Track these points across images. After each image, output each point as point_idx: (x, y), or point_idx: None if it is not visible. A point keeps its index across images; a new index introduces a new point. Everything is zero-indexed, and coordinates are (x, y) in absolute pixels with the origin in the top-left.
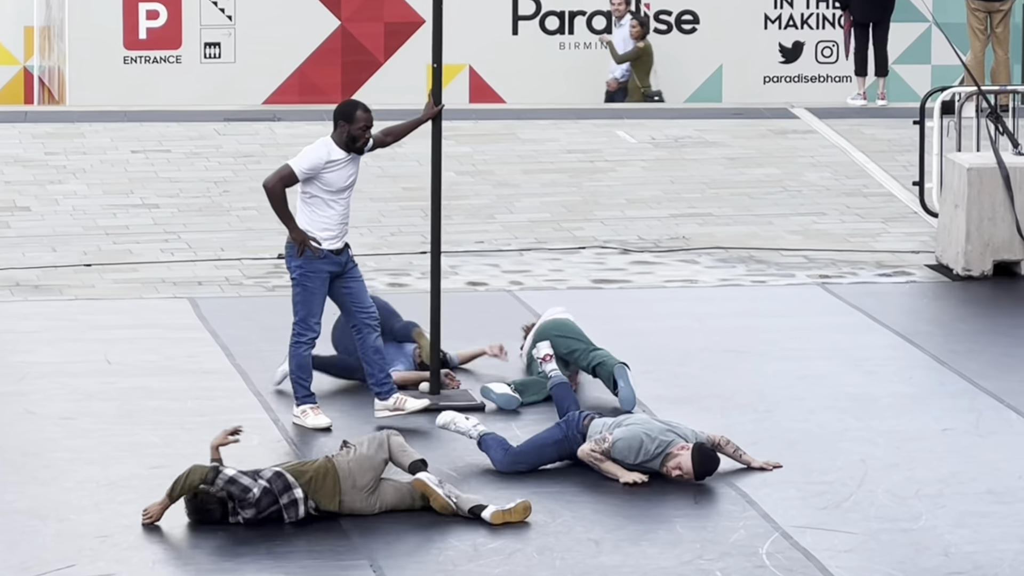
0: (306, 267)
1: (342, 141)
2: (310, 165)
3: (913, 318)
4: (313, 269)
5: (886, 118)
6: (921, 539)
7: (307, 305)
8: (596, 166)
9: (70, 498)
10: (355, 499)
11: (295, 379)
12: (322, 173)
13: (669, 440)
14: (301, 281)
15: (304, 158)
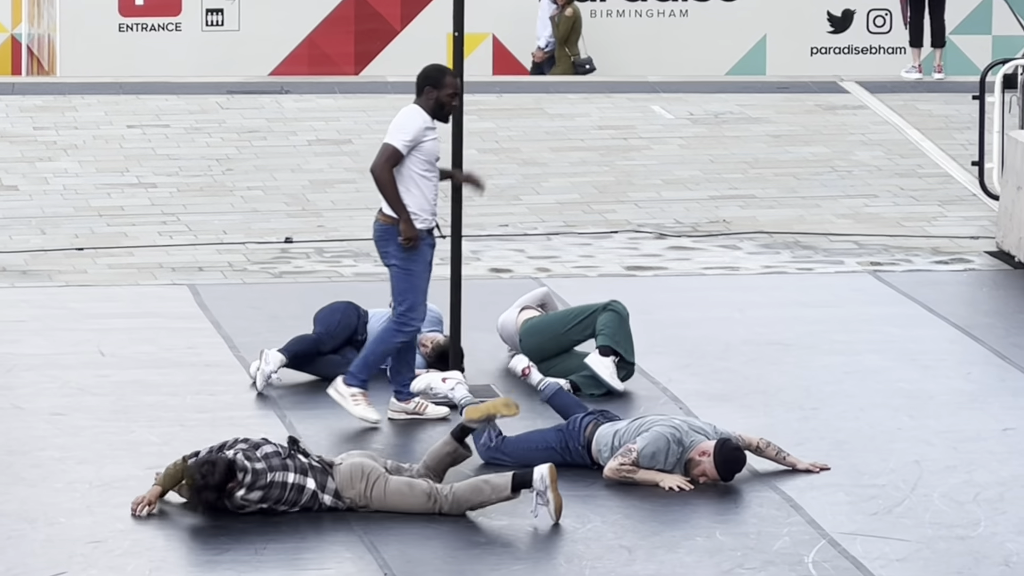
0: (412, 251)
1: (429, 108)
2: (412, 136)
3: (972, 309)
4: (418, 252)
5: (943, 93)
6: (980, 547)
7: (415, 292)
8: (630, 143)
9: (60, 500)
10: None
11: (371, 362)
12: (422, 143)
13: (692, 441)
14: (407, 265)
15: (404, 130)
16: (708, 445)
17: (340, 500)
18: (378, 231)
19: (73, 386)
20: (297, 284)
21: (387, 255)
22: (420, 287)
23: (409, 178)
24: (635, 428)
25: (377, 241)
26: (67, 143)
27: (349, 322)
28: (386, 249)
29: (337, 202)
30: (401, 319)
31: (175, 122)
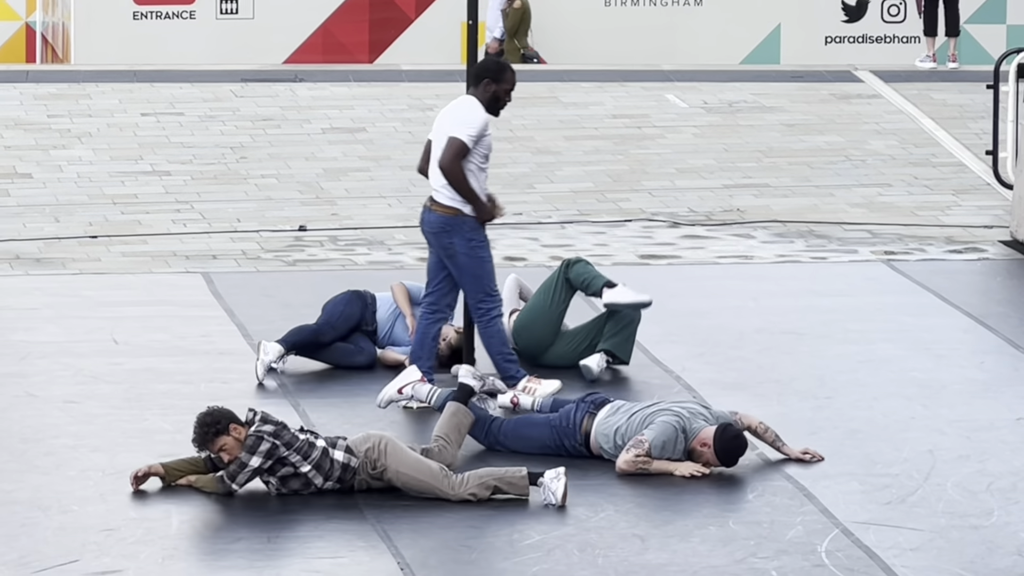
0: (477, 238)
1: (484, 100)
2: (479, 130)
3: (985, 298)
4: (482, 238)
5: (957, 82)
6: (993, 537)
7: (487, 276)
8: (644, 132)
9: (74, 488)
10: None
11: (502, 357)
12: (484, 135)
13: (694, 428)
14: (477, 253)
15: (471, 125)
16: (708, 434)
17: (352, 455)
18: (436, 223)
19: (86, 374)
20: (311, 272)
21: (451, 246)
22: (488, 272)
23: (468, 170)
24: (637, 422)
25: (436, 234)
26: (81, 131)
27: (351, 312)
28: (448, 240)
29: (351, 190)
30: (481, 308)
31: (189, 110)
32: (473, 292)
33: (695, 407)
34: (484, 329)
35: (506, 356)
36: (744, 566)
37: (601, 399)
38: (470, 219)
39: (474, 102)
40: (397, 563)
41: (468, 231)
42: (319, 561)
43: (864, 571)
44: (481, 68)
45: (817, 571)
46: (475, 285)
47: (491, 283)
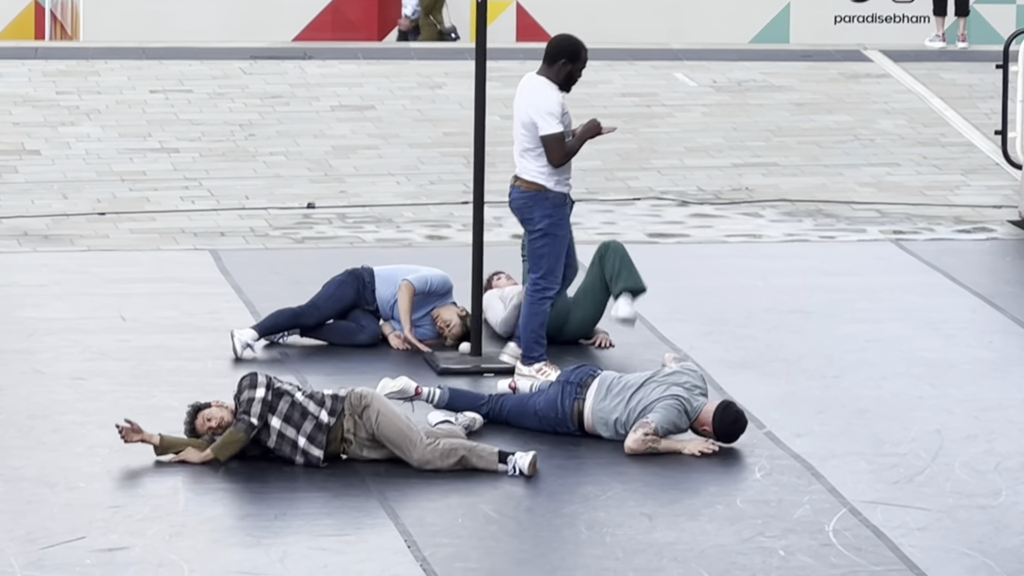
0: (555, 215)
1: (559, 79)
2: (559, 113)
3: (994, 278)
4: (561, 216)
5: (966, 61)
6: (1001, 517)
7: (556, 256)
8: (653, 111)
9: (80, 465)
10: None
11: (535, 337)
12: (563, 114)
13: (696, 408)
14: (551, 231)
15: (550, 109)
16: (707, 414)
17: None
18: (519, 198)
19: (94, 351)
20: (319, 250)
21: (531, 222)
22: (559, 252)
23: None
24: (639, 410)
25: (519, 208)
26: (90, 108)
27: (342, 295)
28: (530, 216)
29: (359, 168)
30: (538, 285)
31: (198, 87)
32: (538, 267)
33: (689, 380)
34: (531, 306)
35: (538, 338)
36: (751, 545)
37: (583, 376)
38: (553, 195)
39: (546, 85)
40: (404, 541)
41: (550, 207)
42: (326, 539)
43: (871, 550)
44: (557, 48)
45: (824, 550)
46: (542, 261)
47: (552, 264)
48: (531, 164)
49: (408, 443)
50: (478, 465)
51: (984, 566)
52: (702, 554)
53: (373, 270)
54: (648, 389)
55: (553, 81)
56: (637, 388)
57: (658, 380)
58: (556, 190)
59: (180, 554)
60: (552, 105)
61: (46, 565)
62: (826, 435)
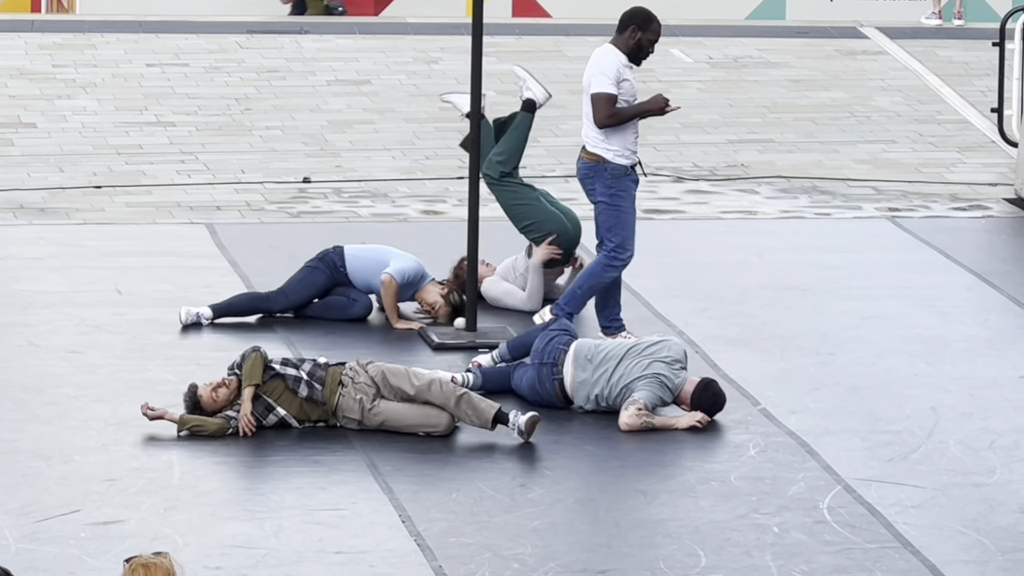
0: (617, 186)
1: (628, 48)
2: (613, 76)
3: (990, 256)
4: (624, 187)
5: (963, 39)
6: (995, 495)
7: (625, 226)
8: (649, 87)
9: (76, 438)
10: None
11: (580, 296)
12: (622, 80)
13: (677, 384)
14: (612, 202)
15: (605, 74)
16: (687, 392)
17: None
18: (583, 169)
19: (90, 324)
20: (315, 224)
21: (593, 192)
22: (629, 222)
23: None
24: (619, 388)
25: (583, 179)
26: (86, 81)
27: (312, 281)
28: (592, 187)
29: (355, 142)
30: (612, 254)
31: (194, 61)
32: (611, 238)
33: (670, 354)
34: (596, 267)
35: (580, 301)
36: (746, 522)
37: (556, 353)
38: (612, 166)
39: (609, 50)
40: (398, 515)
41: (609, 178)
42: (320, 513)
43: (866, 528)
44: (628, 16)
45: (819, 527)
46: (613, 232)
47: (623, 233)
48: (592, 134)
49: (409, 374)
50: (472, 419)
51: (978, 544)
52: (696, 530)
53: (343, 250)
54: (629, 364)
55: (621, 50)
56: (618, 362)
57: (639, 353)
58: (615, 162)
59: (174, 527)
60: (608, 67)
61: (41, 538)
62: (821, 412)
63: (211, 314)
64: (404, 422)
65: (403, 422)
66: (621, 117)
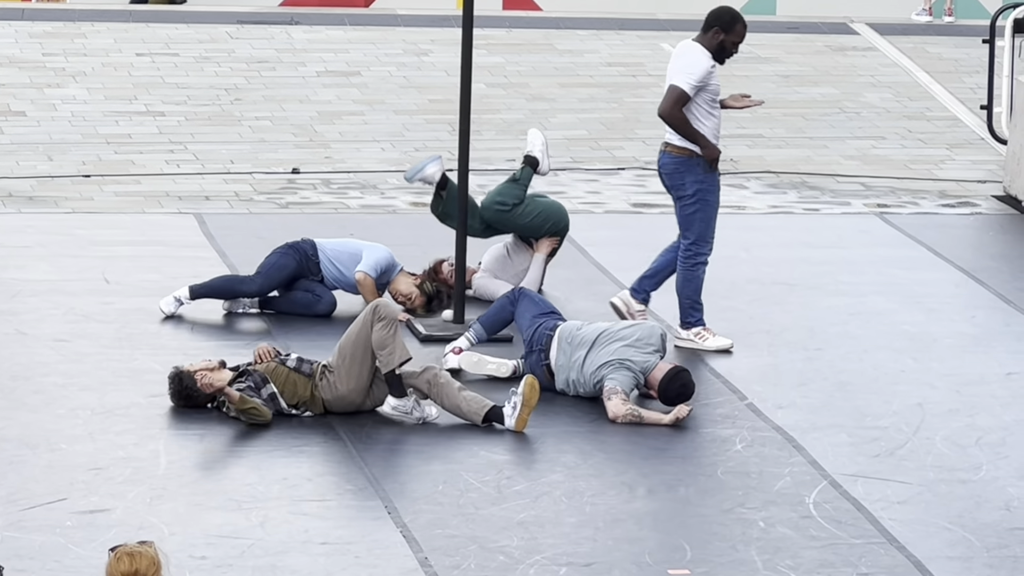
0: (707, 182)
1: (712, 47)
2: (700, 78)
3: (978, 253)
4: (712, 183)
5: (953, 36)
6: (981, 491)
7: (707, 221)
8: (639, 81)
9: (62, 426)
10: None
11: (690, 303)
12: (708, 82)
13: (644, 369)
14: (702, 197)
15: (691, 72)
16: (655, 377)
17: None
18: (669, 164)
19: (77, 313)
20: (303, 215)
21: (681, 187)
22: (710, 217)
23: (695, 117)
24: (589, 371)
25: (669, 175)
26: (76, 70)
27: (284, 264)
28: (680, 181)
29: (345, 134)
30: (691, 250)
31: (184, 51)
32: (688, 233)
33: (642, 337)
34: (686, 271)
35: (694, 304)
36: (732, 516)
37: (544, 340)
38: (702, 160)
39: (697, 50)
40: (384, 507)
41: (699, 172)
42: (307, 503)
43: (851, 523)
44: (713, 16)
45: (805, 522)
46: (693, 227)
47: (708, 229)
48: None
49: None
50: (466, 414)
51: (964, 540)
52: (682, 524)
53: (315, 243)
54: (599, 350)
55: (706, 48)
56: (589, 348)
57: (609, 338)
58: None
59: (160, 517)
60: (697, 68)
61: (27, 526)
62: (808, 407)
63: (189, 295)
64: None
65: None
66: (684, 126)
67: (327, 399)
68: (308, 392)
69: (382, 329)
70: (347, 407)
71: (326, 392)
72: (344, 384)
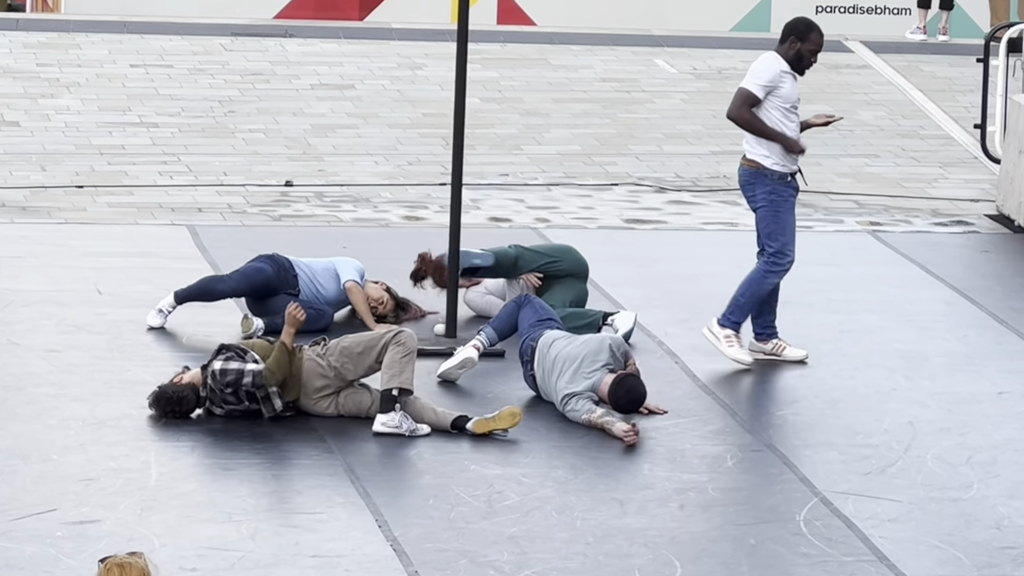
0: (778, 192)
1: (788, 57)
2: (768, 79)
3: (970, 271)
4: (784, 194)
5: (947, 55)
6: (972, 510)
7: (785, 231)
8: (632, 97)
9: (54, 437)
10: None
11: (742, 304)
12: (779, 87)
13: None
14: (771, 208)
15: (759, 75)
16: (605, 388)
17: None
18: (743, 176)
19: (69, 323)
20: (296, 228)
21: (754, 199)
22: (788, 228)
23: (770, 118)
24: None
25: (743, 186)
26: (70, 80)
27: (262, 267)
28: (752, 193)
29: (338, 147)
30: (772, 259)
31: (178, 62)
32: (772, 243)
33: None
34: (756, 274)
35: (744, 308)
36: (722, 533)
37: (528, 352)
38: (771, 172)
39: (771, 56)
40: (375, 520)
41: (769, 184)
42: (298, 516)
43: (842, 541)
44: (789, 26)
45: (795, 540)
46: (773, 238)
47: (782, 238)
48: (751, 141)
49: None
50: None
51: (954, 559)
52: (673, 540)
53: (291, 259)
54: (559, 380)
55: (783, 57)
56: (557, 376)
57: (565, 361)
58: (773, 168)
59: (151, 528)
60: (765, 71)
61: (17, 536)
62: (799, 425)
63: (174, 300)
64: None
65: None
66: (750, 120)
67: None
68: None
69: (398, 353)
70: (316, 394)
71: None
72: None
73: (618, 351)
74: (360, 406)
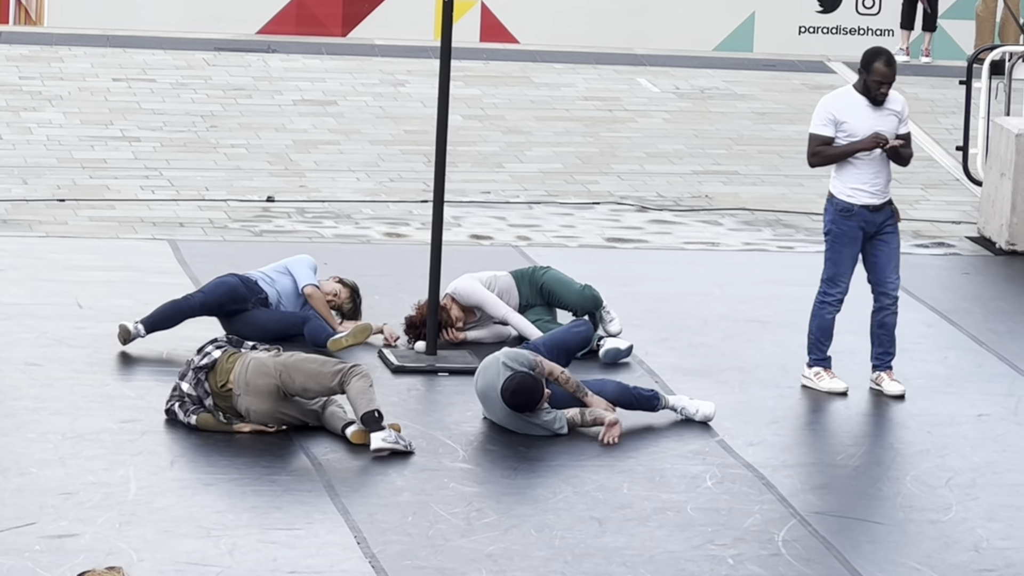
0: (839, 223)
1: (861, 89)
2: (821, 116)
3: (951, 293)
4: (844, 226)
5: (930, 76)
6: (951, 532)
7: (836, 263)
8: (615, 115)
9: (33, 451)
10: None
11: (812, 340)
12: (841, 122)
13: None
14: (833, 239)
15: (816, 114)
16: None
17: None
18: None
19: (49, 337)
20: (277, 243)
21: (824, 225)
22: (840, 259)
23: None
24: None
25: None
26: (52, 94)
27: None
28: (822, 220)
29: (320, 163)
30: (822, 289)
31: (161, 77)
32: (824, 272)
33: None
34: (814, 308)
35: (816, 342)
36: (701, 552)
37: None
38: (837, 201)
39: (842, 90)
40: (354, 537)
41: (833, 212)
42: (275, 532)
43: (820, 562)
44: (861, 59)
45: (773, 560)
46: (826, 267)
47: (833, 269)
48: (832, 169)
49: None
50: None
51: None
52: (651, 560)
53: (248, 273)
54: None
55: (859, 91)
56: (507, 420)
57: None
58: (839, 198)
59: (129, 543)
60: (819, 109)
61: None
62: (779, 445)
63: (144, 331)
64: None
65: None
66: (824, 156)
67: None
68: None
69: (365, 382)
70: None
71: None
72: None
73: (515, 362)
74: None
